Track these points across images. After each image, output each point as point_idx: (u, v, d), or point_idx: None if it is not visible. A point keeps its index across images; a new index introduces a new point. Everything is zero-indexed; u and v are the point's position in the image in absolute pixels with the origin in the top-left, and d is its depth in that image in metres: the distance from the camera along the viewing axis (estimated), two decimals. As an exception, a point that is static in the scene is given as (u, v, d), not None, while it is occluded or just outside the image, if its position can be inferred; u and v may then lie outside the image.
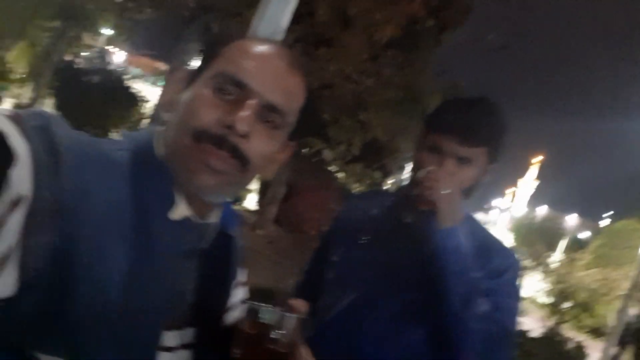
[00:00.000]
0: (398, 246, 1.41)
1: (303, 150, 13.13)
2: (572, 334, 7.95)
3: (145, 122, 12.25)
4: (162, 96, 0.82)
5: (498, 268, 1.35)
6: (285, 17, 2.83)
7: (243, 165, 0.71)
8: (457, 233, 1.28)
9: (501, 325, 1.30)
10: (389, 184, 9.08)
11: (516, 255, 1.42)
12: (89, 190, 0.64)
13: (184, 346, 0.77)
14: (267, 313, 0.72)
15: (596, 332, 15.64)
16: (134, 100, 11.66)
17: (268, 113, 0.73)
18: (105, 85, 10.27)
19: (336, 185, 7.81)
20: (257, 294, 0.82)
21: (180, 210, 0.73)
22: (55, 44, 13.28)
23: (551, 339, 6.89)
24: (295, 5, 2.88)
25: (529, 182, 59.78)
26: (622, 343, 9.29)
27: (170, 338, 0.74)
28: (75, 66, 10.48)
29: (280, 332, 0.71)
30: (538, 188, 59.96)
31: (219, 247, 0.82)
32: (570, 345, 7.10)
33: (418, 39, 7.21)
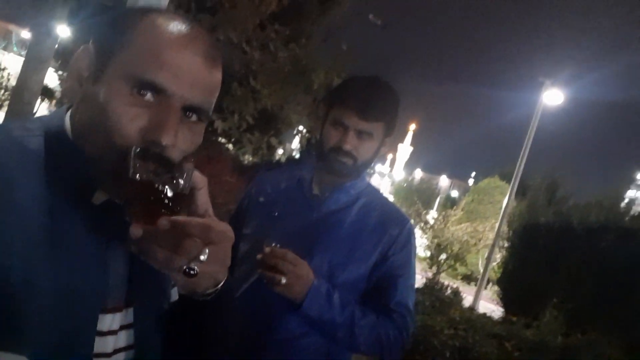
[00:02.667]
0: (307, 218, 1.48)
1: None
2: (448, 282, 8.83)
3: (3, 93, 10.82)
4: (66, 80, 0.74)
5: (395, 239, 1.47)
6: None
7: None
8: (314, 300, 1.33)
9: (399, 310, 1.43)
10: (281, 153, 9.18)
11: (410, 223, 1.55)
12: (2, 179, 0.61)
13: (125, 327, 0.75)
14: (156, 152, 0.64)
15: (469, 278, 17.63)
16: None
17: (190, 112, 0.70)
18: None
19: (228, 156, 7.70)
20: None
21: (101, 195, 0.71)
22: None
23: (432, 287, 7.59)
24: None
25: (405, 148, 64.01)
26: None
27: (110, 321, 0.73)
28: None
29: (171, 179, 0.64)
30: (412, 153, 64.56)
31: None
32: (448, 292, 7.89)
33: (301, 11, 7.26)
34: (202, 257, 0.64)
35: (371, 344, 1.39)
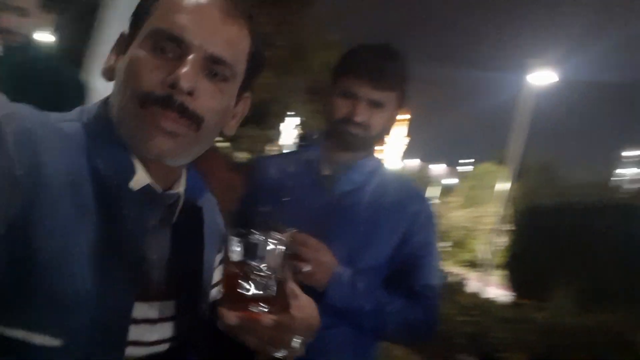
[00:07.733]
0: (320, 201, 1.36)
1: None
2: (453, 269, 8.76)
3: None
4: (104, 64, 0.76)
5: (416, 217, 1.39)
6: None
7: (197, 124, 0.70)
8: (338, 289, 1.25)
9: (425, 293, 1.36)
10: (280, 144, 9.01)
11: (429, 200, 1.47)
12: (40, 162, 0.61)
13: (165, 319, 0.75)
14: (253, 241, 0.70)
15: (473, 264, 17.58)
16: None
17: (213, 66, 0.71)
18: None
19: (222, 154, 7.54)
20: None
21: (140, 179, 0.71)
22: None
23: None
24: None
25: (400, 138, 63.79)
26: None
27: (149, 310, 0.73)
28: None
29: (266, 265, 0.70)
30: (409, 144, 64.35)
31: (188, 218, 0.80)
32: (452, 279, 7.82)
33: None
34: (294, 345, 0.71)
35: (400, 330, 1.32)
